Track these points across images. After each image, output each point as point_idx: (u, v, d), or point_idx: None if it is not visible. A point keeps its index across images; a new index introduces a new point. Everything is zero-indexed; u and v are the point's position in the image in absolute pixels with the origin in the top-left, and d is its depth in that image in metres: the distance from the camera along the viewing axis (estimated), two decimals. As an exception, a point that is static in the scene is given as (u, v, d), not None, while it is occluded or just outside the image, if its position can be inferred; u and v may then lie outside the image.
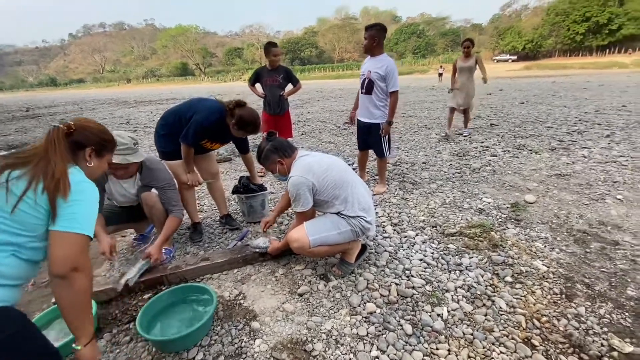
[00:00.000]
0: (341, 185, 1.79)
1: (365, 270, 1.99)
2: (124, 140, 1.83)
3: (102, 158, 1.23)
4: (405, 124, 7.06)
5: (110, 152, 1.27)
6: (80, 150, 1.14)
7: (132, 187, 2.09)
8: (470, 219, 2.59)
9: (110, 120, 10.76)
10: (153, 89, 43.45)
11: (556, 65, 37.26)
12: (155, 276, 1.90)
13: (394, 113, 3.02)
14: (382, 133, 3.05)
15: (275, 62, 3.87)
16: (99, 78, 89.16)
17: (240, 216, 2.82)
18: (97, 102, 20.91)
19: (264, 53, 3.99)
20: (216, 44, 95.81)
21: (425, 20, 72.71)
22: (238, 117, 2.13)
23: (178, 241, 2.49)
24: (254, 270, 2.05)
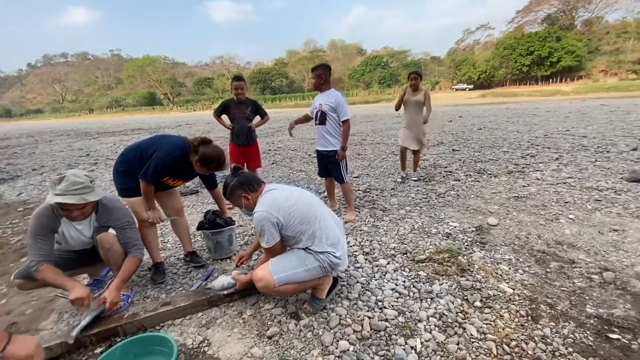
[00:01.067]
0: (308, 220, 1.76)
1: (337, 304, 1.93)
2: (80, 179, 1.72)
3: None
4: (374, 150, 7.28)
5: None
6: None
7: (87, 228, 1.94)
8: (439, 244, 2.64)
9: (68, 152, 10.17)
10: (118, 119, 42.10)
11: (508, 93, 40.84)
12: (109, 327, 1.73)
13: (347, 139, 3.16)
14: (338, 158, 3.15)
15: (240, 95, 3.90)
16: (58, 108, 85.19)
17: (207, 253, 2.69)
18: (55, 133, 19.81)
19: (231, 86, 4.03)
20: (185, 74, 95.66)
21: (389, 53, 77.61)
22: (201, 155, 2.09)
23: (137, 284, 2.31)
24: (220, 312, 1.93)
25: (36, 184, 5.94)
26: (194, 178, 2.41)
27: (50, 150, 10.96)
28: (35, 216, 1.81)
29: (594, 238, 2.63)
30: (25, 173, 7.12)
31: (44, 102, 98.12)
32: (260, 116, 4.20)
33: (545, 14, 58.85)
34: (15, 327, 1.99)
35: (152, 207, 2.23)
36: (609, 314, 1.77)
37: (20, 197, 5.17)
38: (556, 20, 56.45)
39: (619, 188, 3.72)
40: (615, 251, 2.42)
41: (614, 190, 3.66)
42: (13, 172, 7.33)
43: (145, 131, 17.20)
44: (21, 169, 7.61)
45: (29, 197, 5.14)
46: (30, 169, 7.51)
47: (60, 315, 2.04)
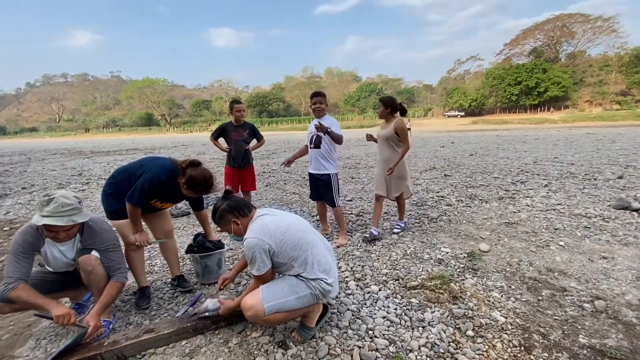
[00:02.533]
0: (300, 247, 1.74)
1: (326, 333, 1.88)
2: (69, 200, 1.71)
3: None
4: (368, 174, 7.34)
5: None
6: None
7: (70, 250, 1.89)
8: (431, 270, 2.62)
9: (61, 171, 10.07)
10: (114, 139, 42.16)
11: (498, 120, 42.21)
12: (88, 355, 1.64)
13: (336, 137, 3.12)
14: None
15: (241, 117, 4.00)
16: (54, 127, 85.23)
17: (195, 277, 2.63)
18: (49, 151, 19.69)
19: (229, 110, 4.11)
20: (184, 96, 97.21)
21: (383, 80, 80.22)
22: (188, 177, 2.07)
23: (120, 309, 2.23)
24: (205, 340, 1.85)
25: (24, 203, 5.83)
26: (183, 200, 2.39)
27: (42, 169, 10.84)
28: (20, 233, 1.77)
29: (585, 265, 2.63)
30: (14, 192, 6.99)
31: (39, 120, 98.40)
32: (256, 139, 4.28)
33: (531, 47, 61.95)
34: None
35: (139, 230, 2.19)
36: (602, 344, 1.74)
37: (7, 216, 5.05)
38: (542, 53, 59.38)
39: (606, 215, 3.77)
40: (605, 279, 2.41)
41: (602, 218, 3.71)
42: (2, 190, 7.19)
43: (141, 151, 17.20)
44: (10, 187, 7.49)
45: (16, 216, 5.02)
46: (20, 188, 7.39)
47: (37, 341, 1.97)
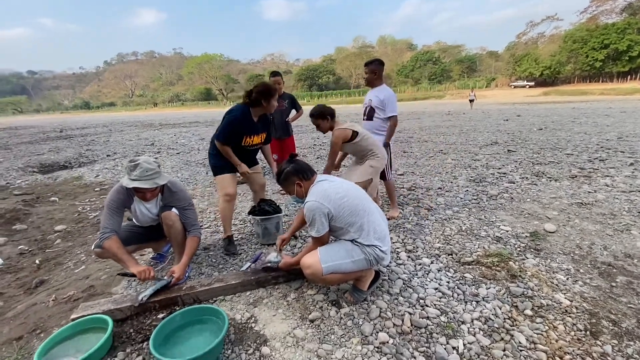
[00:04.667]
0: (357, 213, 1.79)
1: (378, 297, 1.96)
2: (151, 165, 1.96)
3: None
4: (421, 148, 7.06)
5: None
6: None
7: (154, 207, 2.19)
8: (488, 248, 2.52)
9: (136, 141, 11.30)
10: (177, 112, 45.51)
11: (576, 91, 36.68)
12: (170, 296, 1.93)
13: (391, 136, 3.14)
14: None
15: (279, 89, 4.06)
16: (128, 102, 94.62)
17: (255, 238, 2.87)
18: (125, 124, 22.05)
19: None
20: (239, 71, 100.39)
21: (441, 48, 74.04)
22: (255, 90, 2.40)
23: (194, 261, 2.54)
24: (267, 293, 2.05)
25: (110, 168, 6.72)
26: (265, 132, 2.71)
27: (121, 139, 12.27)
28: (113, 191, 2.07)
29: (675, 254, 2.32)
30: (101, 158, 8.08)
31: (116, 96, 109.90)
32: (295, 110, 4.37)
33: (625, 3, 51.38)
34: (93, 290, 2.31)
35: (238, 163, 2.56)
36: (688, 338, 1.57)
37: (97, 178, 5.89)
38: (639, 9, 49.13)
39: None
40: (701, 271, 2.12)
41: None
42: (91, 157, 8.36)
43: (202, 124, 18.42)
44: (97, 155, 8.65)
45: (104, 179, 5.84)
46: (105, 155, 8.51)
47: (129, 282, 2.33)
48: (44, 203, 4.69)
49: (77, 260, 2.87)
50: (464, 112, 17.42)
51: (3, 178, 6.40)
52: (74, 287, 2.36)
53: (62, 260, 2.94)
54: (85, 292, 2.26)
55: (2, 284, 2.67)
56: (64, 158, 8.48)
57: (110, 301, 1.93)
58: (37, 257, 3.06)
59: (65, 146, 11.09)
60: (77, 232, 3.59)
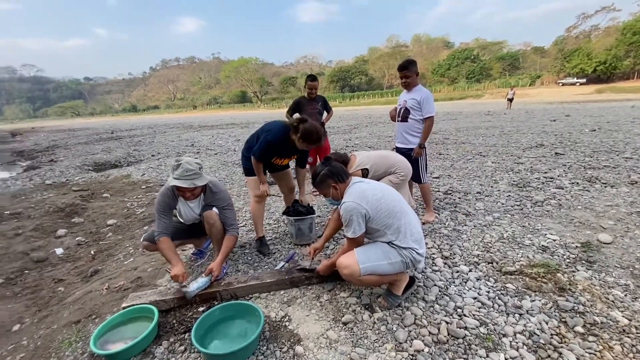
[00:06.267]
0: (394, 215, 1.77)
1: (412, 304, 1.91)
2: (192, 167, 2.06)
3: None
4: (458, 150, 6.79)
5: None
6: None
7: (197, 206, 2.32)
8: (532, 257, 2.37)
9: (177, 142, 11.96)
10: (215, 115, 47.53)
11: (635, 88, 33.12)
12: (210, 291, 2.03)
13: (427, 137, 3.06)
14: (413, 155, 3.06)
15: (313, 93, 4.18)
16: (170, 105, 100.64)
17: (289, 238, 2.92)
18: (168, 126, 23.43)
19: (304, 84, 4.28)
20: (273, 74, 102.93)
21: (480, 45, 70.57)
22: (303, 130, 2.34)
23: (230, 258, 2.64)
24: (300, 293, 2.09)
25: (154, 167, 7.19)
26: (295, 155, 2.73)
27: (164, 140, 13.06)
28: (160, 194, 2.21)
29: None
30: (146, 158, 8.66)
31: (160, 99, 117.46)
32: (326, 111, 4.44)
33: None
34: (140, 281, 2.48)
35: (263, 180, 2.63)
36: None
37: (143, 177, 6.32)
38: None
39: None
40: None
41: None
42: (138, 156, 8.98)
43: (237, 125, 19.08)
44: (143, 154, 9.27)
45: (149, 177, 6.25)
46: (150, 155, 9.11)
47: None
48: (97, 199, 5.12)
49: (126, 253, 3.10)
50: (504, 112, 16.48)
51: (64, 175, 7.07)
52: (123, 277, 2.55)
53: (113, 252, 3.19)
54: (133, 283, 2.43)
55: (63, 272, 2.95)
56: (115, 157, 9.20)
57: (155, 293, 2.07)
58: (92, 248, 3.35)
59: (116, 146, 12.02)
60: (126, 226, 3.88)
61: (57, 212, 4.50)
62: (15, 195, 5.71)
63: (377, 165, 2.87)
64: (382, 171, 2.88)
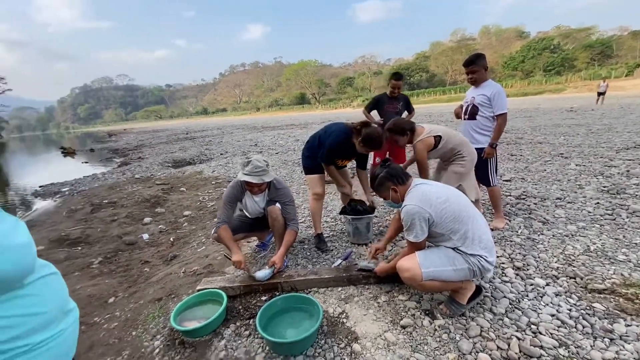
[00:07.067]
0: (460, 219, 1.68)
1: (478, 314, 1.79)
2: (260, 164, 2.22)
3: None
4: (534, 151, 6.12)
5: None
6: None
7: (262, 201, 2.48)
8: (628, 275, 2.04)
9: (242, 142, 12.83)
10: (276, 116, 49.82)
11: None
12: (272, 281, 2.15)
13: (499, 136, 2.80)
14: (484, 156, 2.82)
15: (396, 92, 4.00)
16: (236, 107, 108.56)
17: (346, 236, 2.95)
18: (234, 127, 25.25)
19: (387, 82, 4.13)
20: (331, 75, 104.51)
21: (562, 33, 62.43)
22: (365, 135, 2.37)
23: (291, 252, 2.76)
24: (357, 291, 2.09)
25: (223, 165, 7.82)
26: (355, 157, 2.78)
27: (231, 140, 14.11)
28: (230, 187, 2.42)
29: None
30: (216, 156, 9.46)
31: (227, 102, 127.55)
32: (408, 111, 4.22)
33: None
34: (211, 268, 2.72)
35: (342, 184, 2.76)
36: None
37: (213, 173, 6.92)
38: None
39: None
40: None
41: None
42: (209, 155, 9.87)
43: (297, 126, 19.75)
44: (213, 153, 10.15)
45: (218, 174, 6.82)
46: (219, 153, 9.94)
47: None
48: (176, 192, 5.75)
49: (199, 242, 3.44)
50: (592, 109, 14.36)
51: (149, 171, 8.09)
52: (197, 263, 2.83)
53: (188, 240, 3.56)
54: (205, 269, 2.69)
55: (148, 255, 3.38)
56: (189, 156, 10.23)
57: (224, 279, 2.26)
58: (171, 236, 3.77)
59: (190, 146, 13.34)
60: (199, 217, 4.29)
61: (144, 203, 5.17)
62: (111, 187, 6.71)
63: (449, 136, 2.67)
64: (451, 146, 2.67)
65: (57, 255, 3.46)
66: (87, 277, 3.00)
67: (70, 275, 3.03)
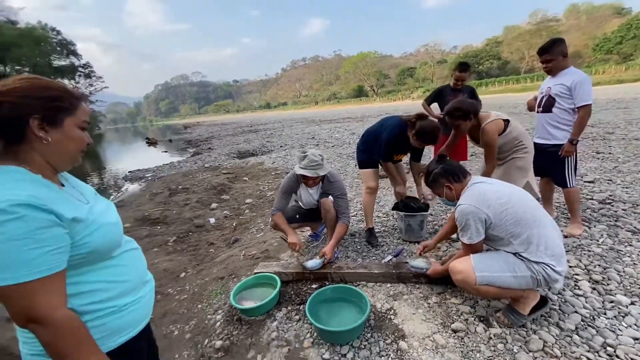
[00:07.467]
0: (524, 223, 1.54)
1: (541, 327, 1.65)
2: (316, 158, 2.31)
3: (62, 125, 0.77)
4: (627, 149, 5.24)
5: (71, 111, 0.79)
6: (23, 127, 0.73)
7: (315, 193, 2.58)
8: None
9: (301, 135, 13.23)
10: (333, 110, 50.11)
11: None
12: (323, 271, 2.23)
13: (582, 131, 2.45)
14: (562, 153, 2.49)
15: (459, 84, 3.72)
16: (296, 101, 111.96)
17: (398, 233, 2.90)
18: (294, 120, 26.10)
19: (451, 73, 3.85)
20: (390, 66, 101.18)
21: (683, 6, 51.03)
22: (419, 128, 2.32)
23: (341, 244, 2.82)
24: (407, 289, 2.07)
25: (282, 157, 8.21)
26: (410, 150, 2.73)
27: (290, 133, 14.65)
28: (287, 178, 2.57)
29: None
30: (276, 148, 9.95)
31: (288, 97, 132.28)
32: None
33: None
34: (267, 253, 2.91)
35: (397, 182, 2.73)
36: None
37: (273, 165, 7.30)
38: None
39: None
40: None
41: None
42: (270, 147, 10.42)
43: (353, 119, 19.66)
44: (274, 145, 10.68)
45: (277, 165, 7.18)
46: (279, 146, 10.41)
47: (292, 252, 2.82)
48: (239, 181, 6.21)
49: (258, 228, 3.69)
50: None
51: (217, 160, 8.86)
52: (255, 248, 3.05)
53: (248, 226, 3.84)
54: (262, 254, 2.89)
55: (214, 237, 3.73)
56: (252, 147, 10.92)
57: (279, 265, 2.41)
58: (234, 221, 4.11)
59: (253, 138, 14.20)
60: (259, 205, 4.59)
61: (212, 189, 5.69)
62: (185, 174, 7.50)
63: (514, 123, 2.42)
64: (515, 134, 2.41)
65: (140, 233, 4.02)
66: (164, 253, 3.43)
67: (150, 250, 3.50)
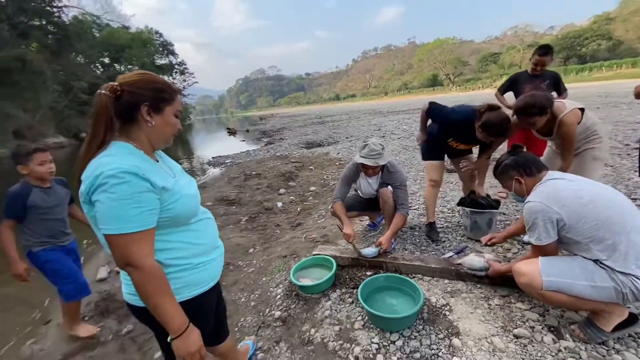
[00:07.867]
0: (608, 227, 1.33)
1: (628, 349, 1.43)
2: (376, 147, 2.32)
3: (163, 112, 0.98)
4: None
5: (170, 101, 0.99)
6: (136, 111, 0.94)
7: (375, 182, 2.59)
8: None
9: (367, 127, 13.11)
10: (404, 100, 48.18)
11: None
12: (378, 260, 2.26)
13: None
14: None
15: (538, 69, 3.21)
16: (365, 93, 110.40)
17: (462, 230, 2.74)
18: (361, 112, 25.88)
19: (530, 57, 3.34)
20: (471, 52, 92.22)
21: None
22: (484, 119, 2.15)
23: (399, 236, 2.78)
24: (466, 288, 1.97)
25: (347, 148, 8.30)
26: (476, 144, 2.54)
27: (357, 125, 14.63)
28: (347, 167, 2.62)
29: None
30: (342, 139, 10.07)
31: (357, 88, 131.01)
32: (557, 93, 3.25)
33: None
34: (326, 238, 3.03)
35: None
36: None
37: (338, 155, 7.43)
38: None
39: None
40: None
41: None
42: (336, 138, 10.59)
43: (424, 111, 18.68)
44: (339, 136, 10.82)
45: (342, 156, 7.30)
46: (344, 137, 10.52)
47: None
48: (305, 169, 6.50)
49: (320, 214, 3.85)
50: None
51: (287, 150, 9.37)
52: (316, 232, 3.21)
53: (311, 212, 4.03)
54: (322, 238, 3.02)
55: (280, 219, 4.01)
56: (320, 138, 11.23)
57: (336, 249, 2.51)
58: (298, 206, 4.35)
59: (321, 129, 14.55)
60: (322, 193, 4.76)
61: (281, 176, 6.08)
62: (258, 161, 8.11)
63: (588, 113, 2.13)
64: (590, 123, 2.12)
65: (218, 211, 4.52)
66: (237, 230, 3.82)
67: (226, 227, 3.93)
